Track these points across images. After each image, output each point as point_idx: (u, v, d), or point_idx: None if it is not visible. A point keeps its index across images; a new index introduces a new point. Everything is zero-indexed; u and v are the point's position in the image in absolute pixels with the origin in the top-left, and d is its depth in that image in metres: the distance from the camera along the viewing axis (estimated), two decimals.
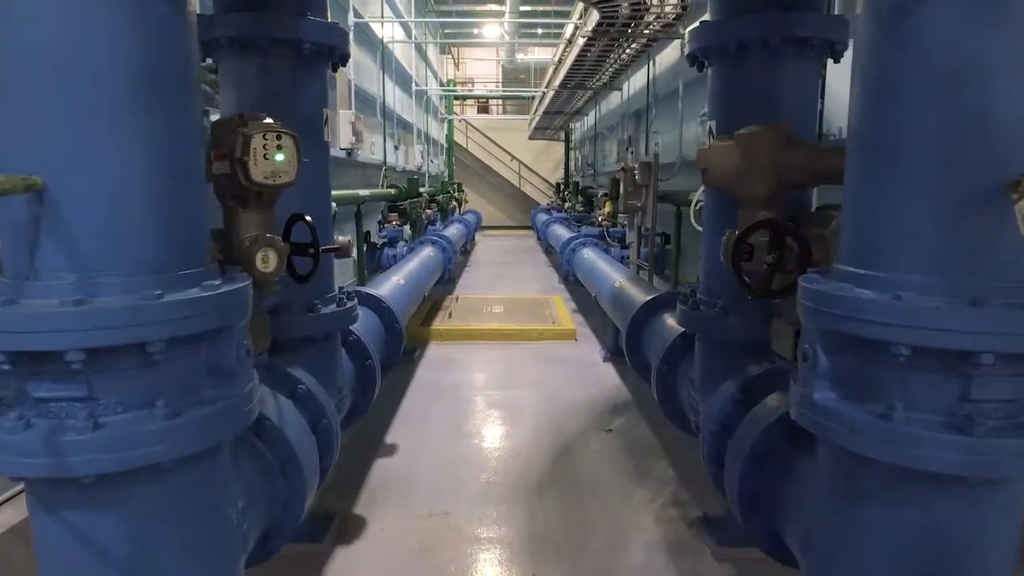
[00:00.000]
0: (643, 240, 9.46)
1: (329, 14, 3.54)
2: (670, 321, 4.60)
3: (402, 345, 5.17)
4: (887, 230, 1.81)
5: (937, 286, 1.68)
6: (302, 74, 3.28)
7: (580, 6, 10.00)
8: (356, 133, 9.00)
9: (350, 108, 9.31)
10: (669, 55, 11.33)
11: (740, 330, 3.21)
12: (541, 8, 20.48)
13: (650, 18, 8.21)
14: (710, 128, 3.41)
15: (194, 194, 1.94)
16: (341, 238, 5.68)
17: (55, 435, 1.63)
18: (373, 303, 5.04)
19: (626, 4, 7.53)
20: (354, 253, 9.44)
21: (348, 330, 3.92)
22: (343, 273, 9.70)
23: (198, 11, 3.26)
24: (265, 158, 2.40)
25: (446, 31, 24.81)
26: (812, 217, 2.88)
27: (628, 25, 8.40)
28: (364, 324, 4.69)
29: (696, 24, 3.44)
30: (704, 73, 3.45)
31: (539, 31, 23.12)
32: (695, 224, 5.34)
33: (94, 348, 1.62)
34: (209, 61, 3.31)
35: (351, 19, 9.65)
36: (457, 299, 10.69)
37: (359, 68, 11.38)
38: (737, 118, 3.09)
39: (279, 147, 2.42)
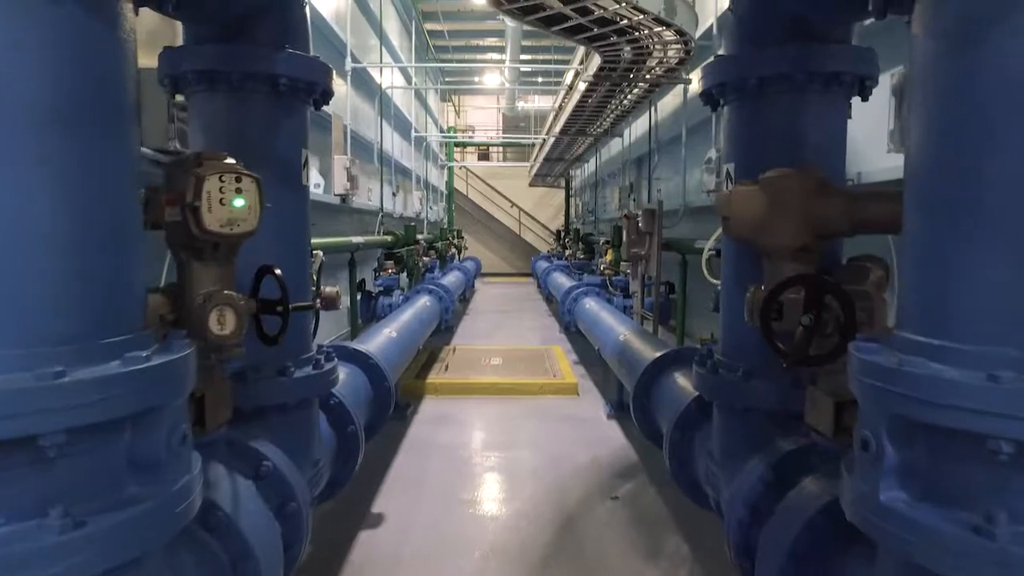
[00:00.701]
0: (647, 289, 9.15)
1: (316, 51, 3.26)
2: (682, 381, 4.23)
3: (391, 405, 4.78)
4: (970, 291, 1.46)
5: None
6: (278, 112, 2.97)
7: (581, 51, 9.86)
8: (351, 179, 8.74)
9: (346, 153, 9.07)
10: (671, 101, 11.18)
11: (766, 398, 2.83)
12: (541, 58, 20.56)
13: (652, 63, 8.01)
14: (727, 172, 3.10)
15: (121, 245, 1.60)
16: (329, 289, 5.35)
17: None
18: (360, 360, 4.68)
19: (628, 48, 7.33)
20: (346, 303, 9.11)
21: (330, 392, 3.55)
22: (337, 323, 9.35)
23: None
24: (222, 203, 2.07)
25: (447, 79, 24.94)
26: (846, 270, 2.54)
27: (630, 70, 8.20)
28: (349, 383, 4.33)
29: (710, 59, 3.15)
30: (712, 116, 3.16)
31: (539, 79, 23.21)
32: (707, 276, 5.01)
33: None
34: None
35: (348, 64, 9.48)
36: (454, 350, 10.31)
37: (356, 114, 11.20)
38: (758, 161, 2.78)
39: (238, 191, 2.10)
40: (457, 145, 27.93)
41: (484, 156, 31.04)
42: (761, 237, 2.56)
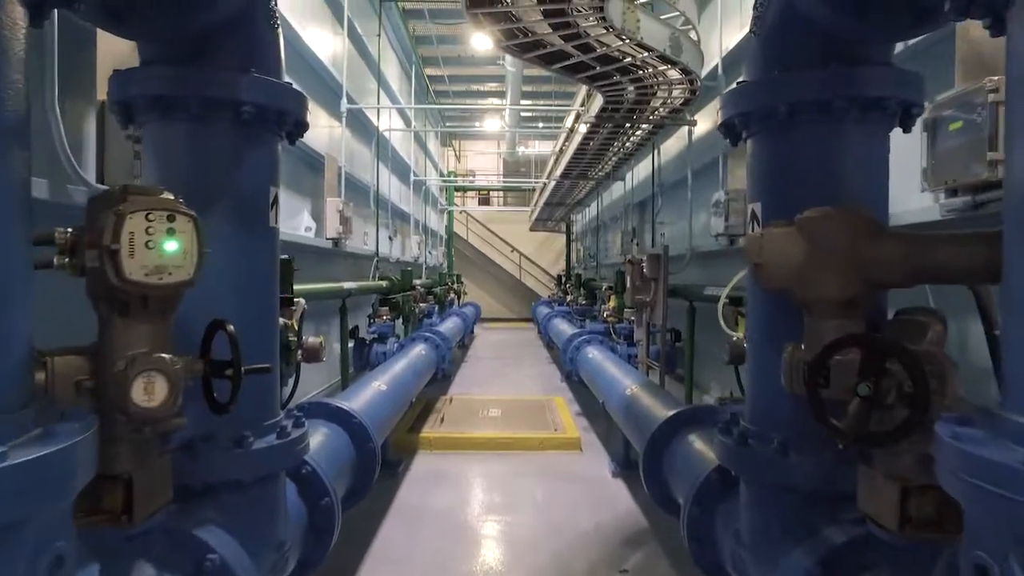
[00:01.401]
0: (652, 337, 8.75)
1: (311, 93, 2.93)
2: (699, 445, 3.80)
3: (376, 469, 4.33)
4: None
5: None
6: (242, 144, 2.61)
7: (583, 92, 9.63)
8: (345, 222, 8.41)
9: (339, 196, 8.76)
10: (674, 144, 10.93)
11: (807, 476, 2.41)
12: (542, 103, 20.52)
13: (656, 103, 7.75)
14: (752, 212, 2.72)
15: None
16: (312, 339, 4.94)
17: None
18: (342, 418, 4.26)
19: (632, 88, 7.07)
20: (341, 350, 8.71)
21: (303, 460, 3.12)
22: (329, 372, 8.92)
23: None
24: (148, 247, 1.69)
25: (448, 123, 24.93)
26: (899, 326, 2.14)
27: (633, 111, 7.94)
28: (328, 446, 3.90)
29: (731, 87, 2.81)
30: (719, 158, 2.81)
31: (540, 124, 23.18)
32: (723, 326, 4.61)
33: None
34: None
35: (344, 105, 9.23)
36: (451, 400, 9.85)
37: (353, 156, 10.95)
38: (789, 199, 2.41)
39: (171, 231, 1.72)
40: (457, 189, 27.82)
41: (485, 201, 30.94)
42: (800, 288, 2.17)
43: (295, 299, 4.76)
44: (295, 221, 8.12)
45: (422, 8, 14.98)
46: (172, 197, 1.83)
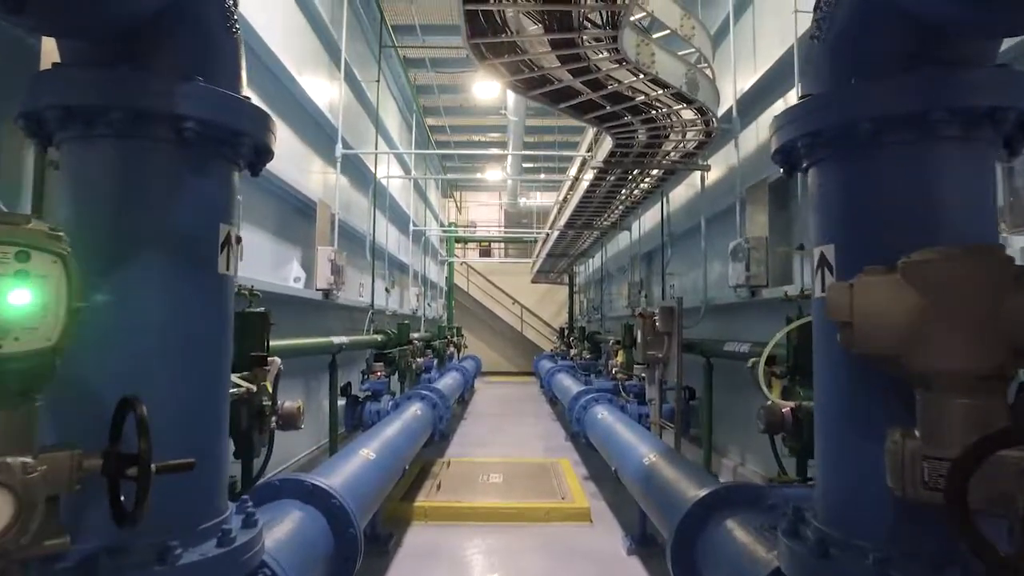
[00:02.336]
0: (664, 395, 8.14)
1: (306, 138, 2.44)
2: (741, 536, 3.17)
3: (358, 559, 3.69)
4: None
5: None
6: (184, 170, 2.08)
7: (589, 136, 9.22)
8: (337, 271, 7.88)
9: (332, 244, 8.26)
10: (683, 192, 10.50)
11: None
12: (544, 153, 20.26)
13: (668, 147, 7.31)
14: (820, 257, 2.17)
15: None
16: (288, 404, 4.35)
17: None
18: (319, 499, 3.64)
19: (643, 129, 6.62)
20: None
21: (259, 564, 2.50)
22: (316, 433, 8.27)
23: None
24: None
25: (447, 171, 24.70)
26: None
27: (644, 154, 7.49)
28: (299, 535, 3.29)
29: (790, 106, 2.29)
30: (736, 204, 2.27)
31: (542, 175, 22.93)
32: (764, 390, 4.03)
33: None
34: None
35: (339, 150, 8.81)
36: (448, 464, 9.16)
37: (349, 204, 10.51)
38: (875, 239, 1.89)
39: (20, 276, 1.16)
40: (458, 240, 27.47)
41: (486, 252, 30.59)
42: (912, 355, 1.61)
43: (270, 357, 4.19)
44: (283, 271, 7.61)
45: (423, 57, 14.76)
46: (44, 227, 1.28)
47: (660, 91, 5.68)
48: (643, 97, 5.82)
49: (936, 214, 1.94)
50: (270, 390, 4.11)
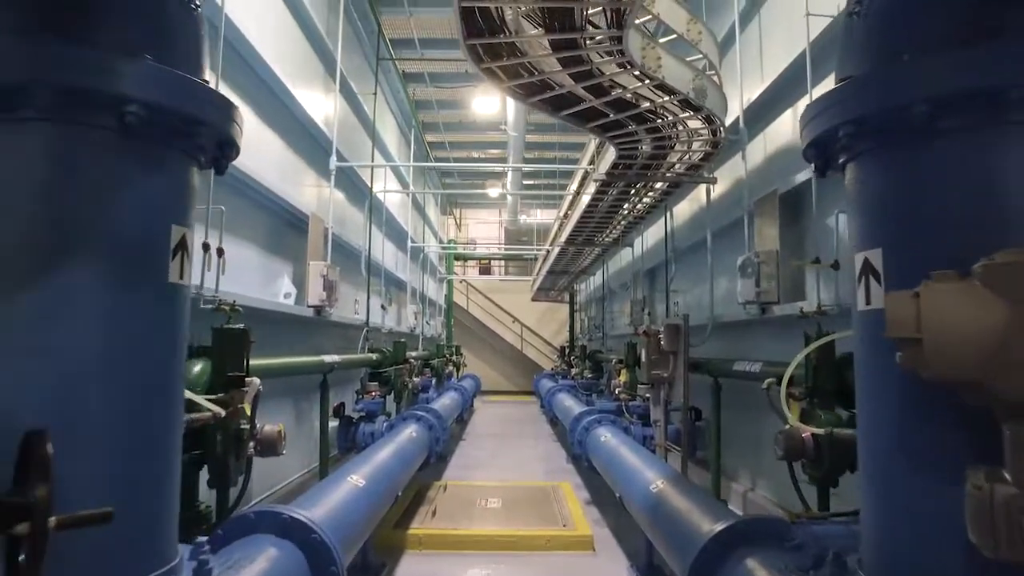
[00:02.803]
0: (668, 416, 7.82)
1: (299, 151, 2.18)
2: None
3: None
4: None
5: None
6: (126, 161, 1.79)
7: (591, 149, 8.97)
8: (329, 287, 7.58)
9: (325, 260, 7.97)
10: (687, 207, 10.23)
11: None
12: (545, 169, 20.06)
13: (674, 158, 7.04)
14: (865, 263, 1.87)
15: None
16: (269, 427, 4.04)
17: None
18: (298, 533, 3.31)
19: (648, 139, 6.35)
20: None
21: None
22: (310, 454, 7.93)
23: None
24: None
25: (446, 185, 24.49)
26: None
27: (648, 167, 7.22)
28: (273, 574, 2.96)
29: (825, 92, 2.00)
30: (743, 218, 1.99)
31: (542, 193, 22.71)
32: (785, 413, 3.72)
33: None
34: None
35: (333, 162, 8.55)
36: (445, 487, 8.80)
37: (345, 219, 10.24)
38: (934, 241, 1.59)
39: None
40: (457, 258, 27.20)
41: (485, 270, 30.33)
42: (1001, 379, 1.30)
43: (247, 377, 3.89)
44: (274, 286, 7.31)
45: (422, 72, 14.57)
46: None
47: (666, 98, 5.42)
48: (648, 104, 5.56)
49: (1007, 211, 1.64)
50: (248, 412, 3.80)
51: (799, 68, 6.50)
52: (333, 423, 8.69)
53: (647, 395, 8.48)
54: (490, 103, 14.87)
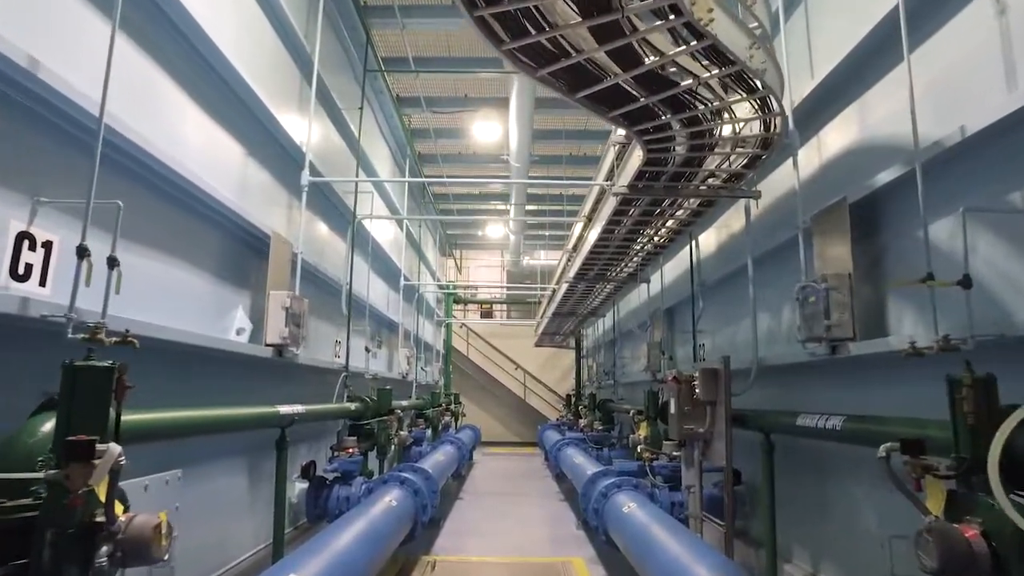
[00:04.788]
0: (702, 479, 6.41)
1: (276, 168, 0.95)
2: None
3: None
4: None
5: None
6: None
7: (610, 157, 7.71)
8: (292, 321, 6.24)
9: (291, 289, 6.65)
10: (712, 237, 8.97)
11: None
12: (549, 208, 18.93)
13: (712, 164, 5.79)
14: None
15: None
16: (142, 518, 2.72)
17: None
18: None
19: (684, 135, 5.09)
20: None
21: None
22: (269, 524, 6.47)
23: None
24: None
25: (448, 230, 23.37)
26: None
27: (680, 175, 5.96)
28: None
29: None
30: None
31: (547, 233, 21.55)
32: (930, 508, 2.34)
33: None
34: None
35: (305, 177, 7.30)
36: (434, 566, 7.31)
37: (322, 248, 8.95)
38: None
39: None
40: (457, 302, 25.90)
41: (487, 314, 29.02)
42: None
43: (100, 444, 2.54)
44: (223, 321, 5.98)
45: (418, 96, 13.48)
46: None
47: (714, 70, 4.18)
48: (689, 82, 4.31)
49: None
50: (101, 499, 2.45)
51: (861, 56, 5.30)
52: (303, 485, 7.29)
53: (675, 453, 7.08)
54: (491, 129, 13.75)
